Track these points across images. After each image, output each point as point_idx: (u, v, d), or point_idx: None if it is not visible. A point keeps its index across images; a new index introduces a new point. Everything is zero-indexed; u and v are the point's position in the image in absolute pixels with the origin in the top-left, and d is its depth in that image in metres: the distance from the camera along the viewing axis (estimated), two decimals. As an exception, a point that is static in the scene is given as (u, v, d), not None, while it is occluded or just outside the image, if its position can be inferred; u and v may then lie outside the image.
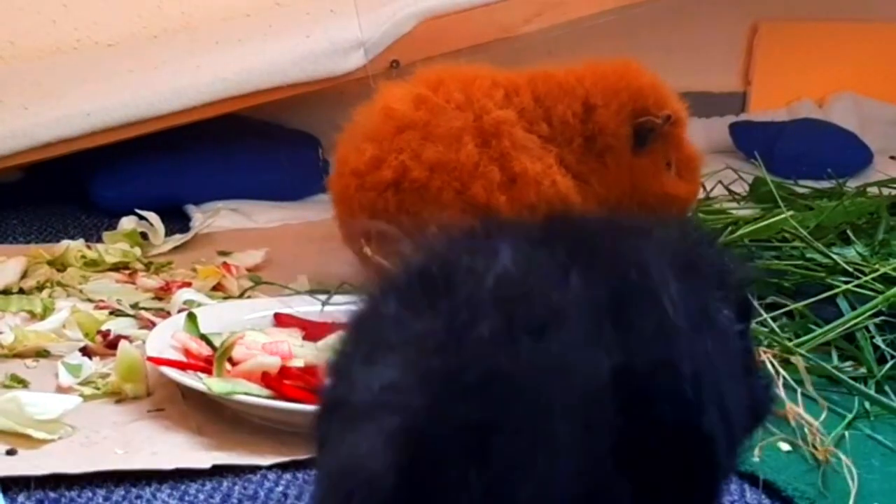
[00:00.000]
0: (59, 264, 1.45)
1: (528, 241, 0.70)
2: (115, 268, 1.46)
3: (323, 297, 1.29)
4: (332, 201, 1.40)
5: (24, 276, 1.41)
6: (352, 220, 1.33)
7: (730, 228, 1.51)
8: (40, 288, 1.38)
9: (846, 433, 1.08)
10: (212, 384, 1.06)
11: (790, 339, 1.21)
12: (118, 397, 1.12)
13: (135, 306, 1.33)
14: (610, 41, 1.90)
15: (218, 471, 0.99)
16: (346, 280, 1.28)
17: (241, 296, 1.38)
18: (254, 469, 1.00)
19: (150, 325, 1.26)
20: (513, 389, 0.63)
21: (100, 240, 1.55)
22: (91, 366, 1.17)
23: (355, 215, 1.33)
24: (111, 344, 1.21)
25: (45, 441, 1.02)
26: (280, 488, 0.97)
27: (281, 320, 1.26)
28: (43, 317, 1.29)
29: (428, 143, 1.31)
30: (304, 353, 1.13)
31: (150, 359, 1.11)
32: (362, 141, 1.34)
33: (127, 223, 1.58)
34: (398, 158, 1.31)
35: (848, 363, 1.22)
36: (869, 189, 1.76)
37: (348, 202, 1.35)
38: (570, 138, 1.37)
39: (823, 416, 1.07)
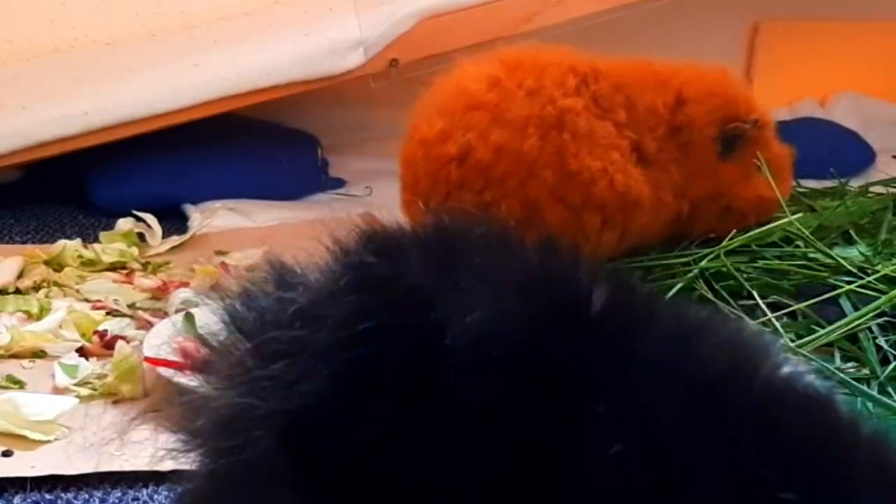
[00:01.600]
0: (56, 264, 1.44)
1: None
2: (112, 268, 1.46)
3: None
4: (400, 166, 1.41)
5: (20, 275, 1.41)
6: (415, 185, 1.35)
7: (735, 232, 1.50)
8: (37, 288, 1.37)
9: (849, 435, 1.07)
10: (209, 385, 1.05)
11: (792, 340, 1.21)
12: (115, 398, 1.11)
13: (132, 306, 1.33)
14: (610, 40, 1.89)
15: (215, 472, 0.98)
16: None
17: (239, 296, 1.37)
18: (251, 471, 0.99)
19: (147, 326, 1.25)
20: None
21: (97, 240, 1.54)
22: (87, 366, 1.16)
23: (419, 182, 1.34)
24: (108, 344, 1.20)
25: (41, 442, 1.02)
26: (278, 490, 0.96)
27: (279, 320, 1.25)
28: (39, 317, 1.28)
29: (495, 126, 1.33)
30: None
31: (147, 359, 1.11)
32: (433, 113, 1.37)
33: (124, 224, 1.57)
34: (465, 136, 1.33)
35: (850, 364, 1.21)
36: (872, 188, 1.75)
37: (413, 169, 1.37)
38: (655, 126, 1.39)
39: (826, 417, 1.06)
